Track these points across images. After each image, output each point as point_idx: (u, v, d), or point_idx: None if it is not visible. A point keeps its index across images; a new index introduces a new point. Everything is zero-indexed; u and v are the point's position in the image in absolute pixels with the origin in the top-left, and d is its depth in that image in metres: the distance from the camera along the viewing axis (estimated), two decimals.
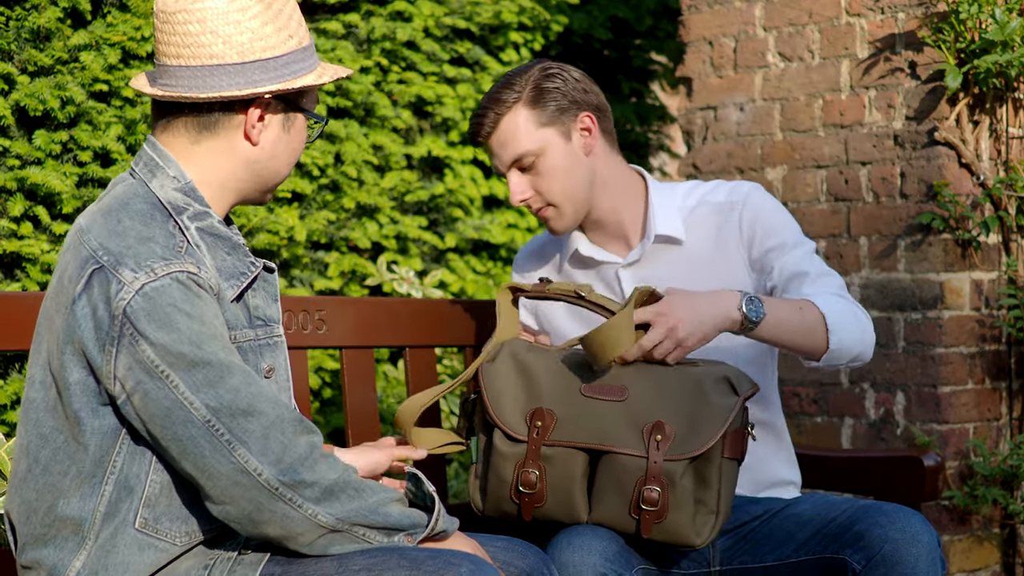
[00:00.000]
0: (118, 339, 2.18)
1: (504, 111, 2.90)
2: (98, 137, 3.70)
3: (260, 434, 2.19)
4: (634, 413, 2.68)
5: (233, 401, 2.19)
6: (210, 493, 2.21)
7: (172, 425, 2.18)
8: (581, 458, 2.70)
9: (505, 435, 2.72)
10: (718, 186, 3.05)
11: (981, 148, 4.00)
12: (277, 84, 2.34)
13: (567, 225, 2.97)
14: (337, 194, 4.33)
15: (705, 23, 4.56)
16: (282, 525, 2.22)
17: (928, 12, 3.98)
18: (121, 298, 2.18)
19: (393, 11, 4.49)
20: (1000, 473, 3.95)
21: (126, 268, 2.20)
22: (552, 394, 2.73)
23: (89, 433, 2.24)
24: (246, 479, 2.19)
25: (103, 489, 2.25)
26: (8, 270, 3.64)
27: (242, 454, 2.18)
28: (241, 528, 2.24)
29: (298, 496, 2.21)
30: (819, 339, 2.83)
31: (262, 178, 2.42)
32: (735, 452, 2.69)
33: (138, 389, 2.19)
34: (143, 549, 2.26)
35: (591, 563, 2.60)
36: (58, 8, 3.69)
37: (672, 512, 2.65)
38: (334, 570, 2.28)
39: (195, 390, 2.18)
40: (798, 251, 2.96)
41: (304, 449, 2.22)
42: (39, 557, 2.28)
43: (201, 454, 2.19)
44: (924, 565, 2.63)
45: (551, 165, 2.91)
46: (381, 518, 2.28)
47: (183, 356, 2.18)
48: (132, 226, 2.26)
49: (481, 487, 2.79)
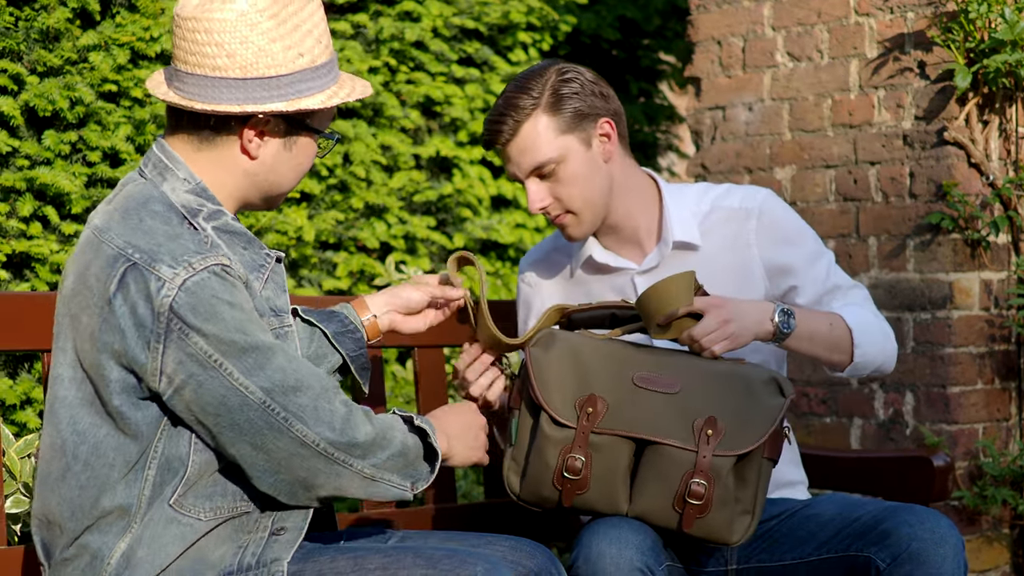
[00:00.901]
0: (164, 335, 2.21)
1: (523, 118, 2.85)
2: (107, 137, 3.71)
3: (311, 407, 2.27)
4: (685, 406, 2.67)
5: (283, 380, 2.26)
6: (264, 468, 2.28)
7: (229, 412, 2.24)
8: (628, 447, 2.68)
9: (552, 419, 2.68)
10: (730, 190, 3.04)
11: (990, 148, 4.00)
12: (275, 104, 2.32)
13: (585, 232, 2.95)
14: (345, 194, 4.33)
15: (714, 23, 4.56)
16: (335, 486, 2.32)
17: (937, 12, 3.97)
18: (165, 295, 2.21)
19: (401, 11, 4.49)
20: (1010, 473, 3.94)
21: (163, 264, 2.23)
22: (603, 381, 2.70)
23: (133, 424, 2.27)
24: (305, 450, 2.27)
25: (146, 474, 2.29)
26: (17, 270, 3.64)
27: (299, 428, 2.26)
28: (290, 496, 2.31)
29: (349, 456, 2.30)
30: (845, 352, 2.90)
31: (263, 189, 2.42)
32: (774, 453, 2.70)
33: (190, 382, 2.23)
34: (169, 524, 2.29)
35: (628, 556, 2.59)
36: (67, 9, 3.70)
37: (715, 508, 2.64)
38: (350, 569, 2.29)
39: (248, 375, 2.24)
40: (823, 263, 3.00)
41: (345, 410, 2.31)
42: (84, 543, 2.30)
43: (260, 435, 2.25)
44: (950, 566, 2.64)
45: (571, 173, 2.89)
46: (403, 462, 2.37)
47: (234, 344, 2.23)
48: (156, 225, 2.28)
49: (520, 470, 2.75)
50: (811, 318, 2.86)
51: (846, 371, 2.95)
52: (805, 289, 2.98)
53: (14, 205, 3.60)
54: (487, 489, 3.35)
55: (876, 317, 2.98)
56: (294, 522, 2.36)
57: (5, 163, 3.62)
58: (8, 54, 3.63)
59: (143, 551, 2.28)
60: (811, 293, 2.98)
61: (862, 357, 2.91)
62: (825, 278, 2.99)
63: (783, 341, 2.81)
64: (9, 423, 3.45)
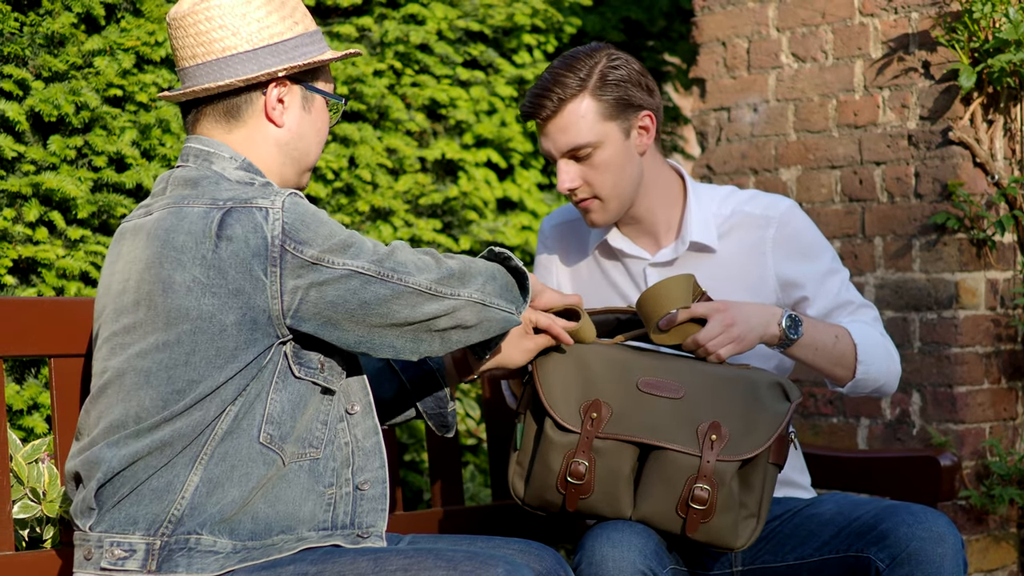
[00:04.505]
0: (280, 258, 2.35)
1: (568, 96, 2.86)
2: (113, 142, 3.71)
3: (411, 262, 2.45)
4: (689, 411, 2.68)
5: (381, 251, 2.43)
6: (394, 333, 2.44)
7: (354, 294, 2.39)
8: (631, 452, 2.69)
9: (556, 424, 2.70)
10: (755, 196, 3.04)
11: (995, 147, 4.00)
12: (289, 63, 2.48)
13: (607, 220, 2.96)
14: (351, 197, 4.33)
15: (718, 24, 4.56)
16: (456, 319, 2.48)
17: (941, 12, 3.97)
18: (275, 219, 2.35)
19: (406, 14, 4.49)
20: (1017, 473, 3.94)
21: (258, 199, 2.38)
22: (608, 387, 2.71)
23: (235, 366, 2.37)
24: (421, 298, 2.44)
25: (228, 409, 2.38)
26: (24, 275, 3.64)
27: (412, 280, 2.43)
28: (420, 346, 2.48)
29: (457, 288, 2.48)
30: (848, 367, 2.91)
31: (296, 159, 2.56)
32: (779, 458, 2.71)
33: (312, 289, 2.37)
34: (254, 460, 2.39)
35: (631, 559, 2.60)
36: (72, 14, 3.70)
37: (719, 513, 2.64)
38: (371, 570, 2.30)
39: (356, 259, 2.40)
40: (836, 279, 3.00)
41: (429, 256, 2.49)
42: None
43: (386, 302, 2.41)
44: (949, 565, 2.64)
45: (606, 159, 2.89)
46: (498, 286, 2.54)
47: (338, 241, 2.39)
48: (231, 186, 2.43)
49: (525, 475, 2.76)
50: (817, 328, 2.86)
51: (847, 387, 2.95)
52: (815, 302, 2.98)
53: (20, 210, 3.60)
54: (495, 492, 3.35)
55: (883, 337, 2.98)
56: (372, 473, 2.50)
57: (11, 168, 3.62)
58: (13, 59, 3.63)
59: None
60: (820, 306, 2.98)
61: (864, 374, 2.92)
62: (837, 293, 2.99)
63: (788, 348, 2.81)
64: (16, 428, 3.45)
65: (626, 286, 3.04)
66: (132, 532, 2.34)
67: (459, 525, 3.20)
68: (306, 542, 2.40)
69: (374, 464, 2.50)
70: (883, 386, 2.98)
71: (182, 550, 2.32)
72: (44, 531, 2.83)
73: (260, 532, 2.38)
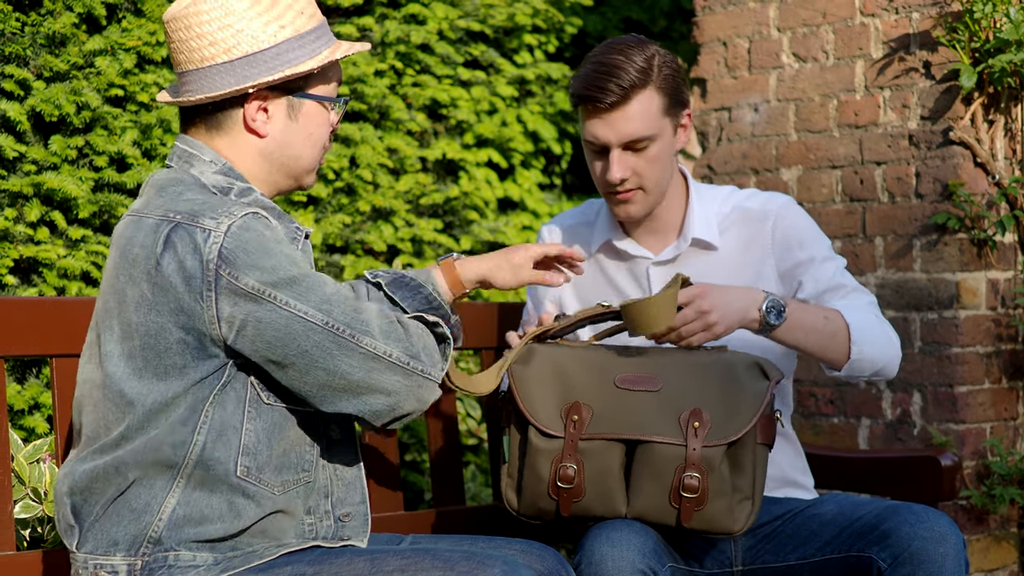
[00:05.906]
0: (215, 283, 2.25)
1: (635, 86, 2.86)
2: (114, 142, 3.71)
3: (374, 320, 2.32)
4: (669, 402, 2.68)
5: (337, 300, 2.30)
6: (342, 389, 2.31)
7: (295, 339, 2.27)
8: (618, 450, 2.70)
9: (540, 431, 2.71)
10: (753, 194, 3.07)
11: (996, 147, 4.00)
12: (265, 77, 2.38)
13: (644, 212, 2.97)
14: (352, 197, 4.34)
15: (719, 24, 4.56)
16: (417, 396, 2.36)
17: (942, 12, 3.97)
18: (213, 242, 2.26)
19: (407, 14, 4.49)
20: (1017, 472, 3.94)
21: (206, 218, 2.28)
22: (586, 388, 2.72)
23: (182, 383, 2.31)
24: (377, 363, 2.30)
25: (195, 439, 2.31)
26: (25, 275, 3.65)
27: (367, 341, 2.30)
28: (376, 416, 2.34)
29: (416, 361, 2.35)
30: (841, 348, 2.87)
31: (284, 166, 2.47)
32: (767, 437, 2.70)
33: (249, 320, 2.26)
34: (236, 494, 2.33)
35: (629, 558, 2.60)
36: (73, 14, 3.70)
37: (712, 499, 2.65)
38: (367, 571, 2.30)
39: (304, 301, 2.27)
40: (830, 265, 2.99)
41: (392, 319, 2.36)
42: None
43: (330, 355, 2.28)
44: (951, 565, 2.64)
45: (657, 153, 2.91)
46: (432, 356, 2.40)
47: (285, 274, 2.27)
48: (193, 195, 2.35)
49: (516, 486, 2.77)
50: (807, 311, 2.85)
51: (843, 370, 2.92)
52: (807, 285, 2.98)
53: (21, 210, 3.60)
54: (495, 492, 3.35)
55: (879, 320, 2.96)
56: (353, 507, 2.45)
57: (12, 168, 3.63)
58: (14, 59, 3.64)
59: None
60: (812, 288, 2.97)
61: (859, 355, 2.89)
62: (831, 277, 2.99)
63: (771, 332, 2.80)
64: (17, 428, 3.46)
65: (628, 286, 3.04)
66: (114, 554, 2.33)
67: (460, 525, 3.20)
68: (287, 547, 2.38)
69: (355, 498, 2.48)
70: (882, 368, 2.95)
71: (162, 568, 2.32)
72: (46, 531, 2.83)
73: (241, 543, 2.37)
